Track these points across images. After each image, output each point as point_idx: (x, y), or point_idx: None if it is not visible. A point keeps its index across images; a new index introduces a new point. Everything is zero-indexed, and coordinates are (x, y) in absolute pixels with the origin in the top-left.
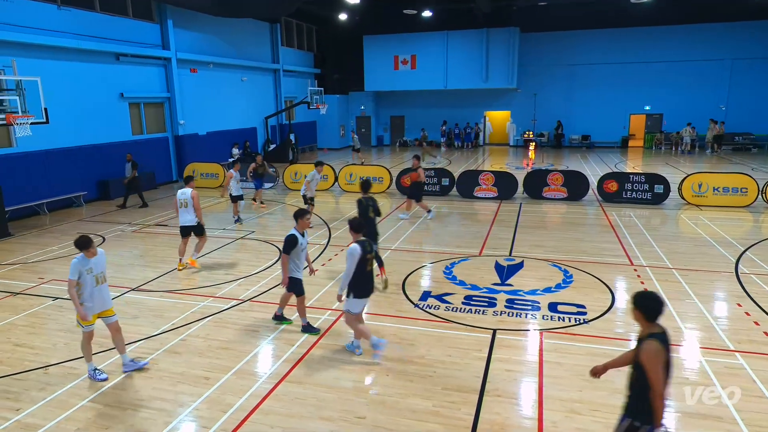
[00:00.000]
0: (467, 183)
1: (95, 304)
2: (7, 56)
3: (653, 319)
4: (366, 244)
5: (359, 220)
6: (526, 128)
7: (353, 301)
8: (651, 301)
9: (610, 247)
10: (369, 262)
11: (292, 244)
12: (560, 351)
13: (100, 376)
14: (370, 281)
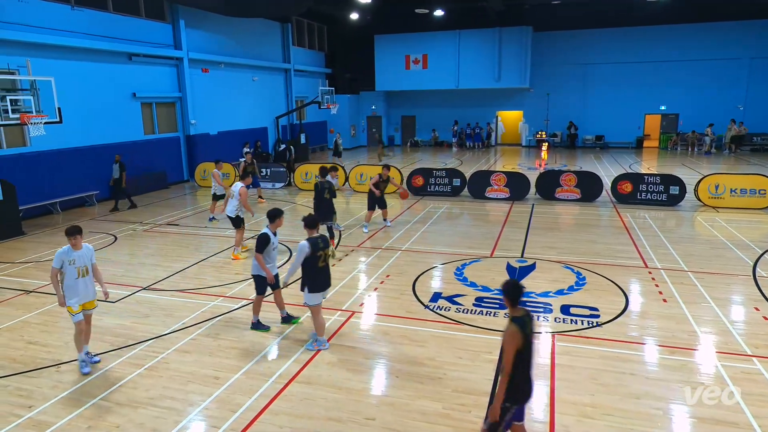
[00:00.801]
0: (479, 183)
1: (78, 296)
2: (21, 56)
3: (515, 304)
4: (317, 241)
5: (313, 217)
6: (539, 128)
7: (309, 295)
8: (512, 287)
9: (624, 249)
10: (321, 258)
11: (264, 243)
12: (572, 354)
13: (85, 368)
14: (324, 276)
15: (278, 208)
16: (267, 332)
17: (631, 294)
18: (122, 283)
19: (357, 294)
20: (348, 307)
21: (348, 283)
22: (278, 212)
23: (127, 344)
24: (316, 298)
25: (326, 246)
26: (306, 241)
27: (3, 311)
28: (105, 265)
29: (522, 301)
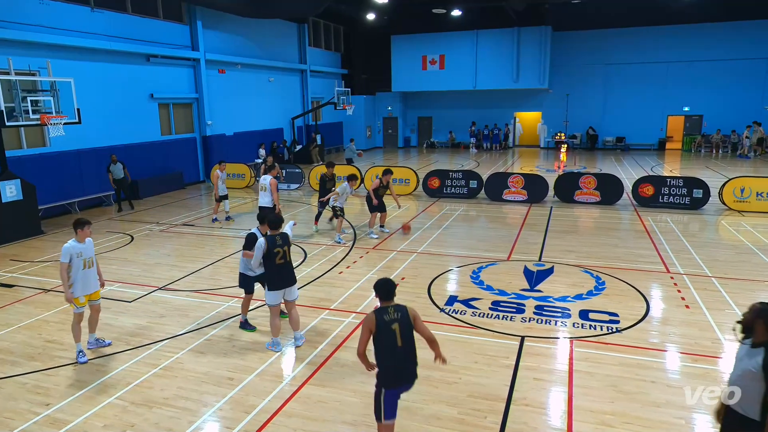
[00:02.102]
0: (496, 185)
1: (84, 287)
2: (42, 58)
3: (383, 299)
4: (275, 239)
5: (278, 217)
6: (558, 130)
7: (268, 294)
8: (382, 284)
9: (645, 253)
10: (278, 256)
11: (252, 243)
12: (591, 360)
13: (83, 358)
14: (281, 274)
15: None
16: (253, 332)
17: (653, 299)
18: (138, 282)
19: (372, 296)
20: (362, 309)
21: (363, 285)
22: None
23: (142, 344)
24: (275, 296)
25: (285, 243)
26: (262, 238)
27: (22, 309)
28: (122, 265)
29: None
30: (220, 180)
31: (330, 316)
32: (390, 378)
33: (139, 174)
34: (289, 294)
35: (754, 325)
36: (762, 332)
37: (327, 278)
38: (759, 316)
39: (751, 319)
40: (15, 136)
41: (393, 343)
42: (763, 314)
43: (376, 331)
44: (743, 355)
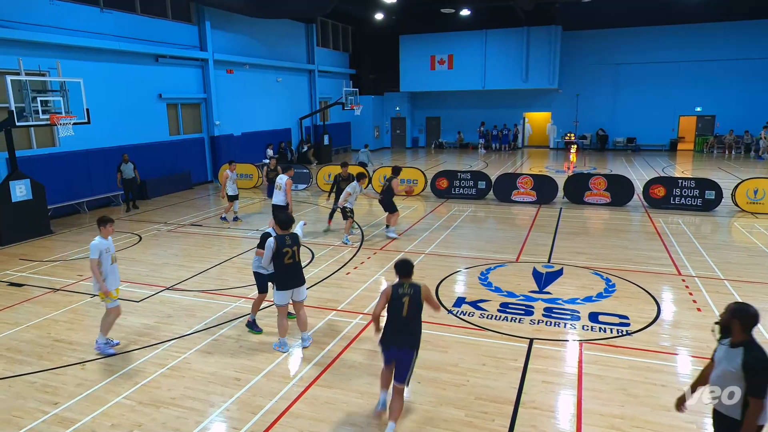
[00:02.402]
0: (505, 186)
1: (114, 281)
2: (52, 58)
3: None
4: (284, 239)
5: (288, 217)
6: (568, 130)
7: (276, 293)
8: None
9: (656, 255)
10: (286, 256)
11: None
12: (601, 363)
13: (109, 350)
14: (290, 274)
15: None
16: (259, 335)
17: (663, 302)
18: (146, 282)
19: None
20: (370, 310)
21: (370, 286)
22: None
23: (150, 344)
24: (283, 296)
25: (294, 244)
26: (272, 238)
27: (31, 309)
28: (130, 265)
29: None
30: (231, 180)
31: (337, 317)
32: (386, 337)
33: (148, 174)
34: (297, 294)
35: (731, 326)
36: (739, 332)
37: (334, 279)
38: (734, 316)
39: (727, 320)
40: (25, 136)
41: (399, 313)
42: (738, 314)
43: (390, 300)
44: (722, 356)
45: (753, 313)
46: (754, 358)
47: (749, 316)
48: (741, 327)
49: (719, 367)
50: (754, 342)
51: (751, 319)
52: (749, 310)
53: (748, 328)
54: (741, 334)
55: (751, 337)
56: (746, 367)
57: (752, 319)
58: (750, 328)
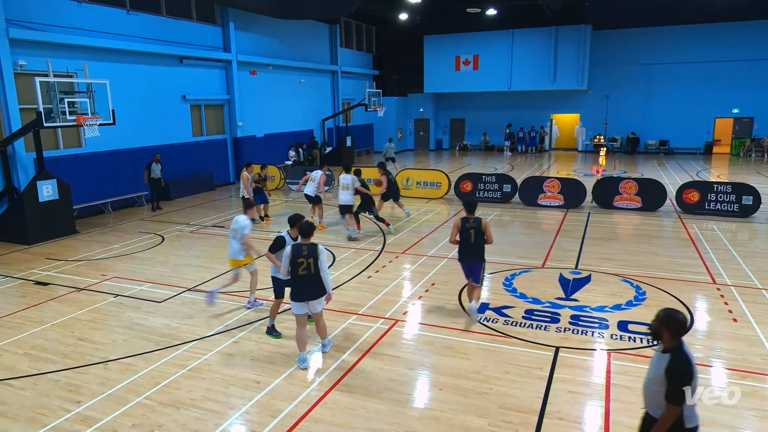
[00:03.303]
0: (531, 190)
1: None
2: (79, 60)
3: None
4: (301, 248)
5: (303, 225)
6: (597, 132)
7: (292, 304)
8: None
9: (689, 262)
10: (300, 267)
11: (278, 245)
12: (630, 374)
13: (258, 303)
14: (303, 286)
15: (300, 214)
16: (279, 339)
17: (697, 312)
18: (168, 283)
19: (401, 302)
20: (391, 315)
21: (392, 290)
22: (299, 218)
23: (171, 344)
24: (297, 307)
25: (311, 255)
26: (290, 246)
27: (56, 307)
28: (152, 265)
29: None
30: (250, 182)
31: (358, 321)
32: (461, 257)
33: (171, 175)
34: (312, 307)
35: (660, 333)
36: (668, 339)
37: (355, 282)
38: (663, 324)
39: (657, 327)
40: (52, 136)
41: (468, 239)
42: (665, 321)
43: (460, 231)
44: (655, 361)
45: (681, 321)
46: (675, 365)
47: (676, 324)
48: (669, 334)
49: (650, 372)
50: (681, 349)
51: (679, 326)
52: (677, 317)
53: (676, 335)
54: (670, 341)
55: (679, 343)
56: (667, 372)
57: (680, 327)
58: (678, 335)
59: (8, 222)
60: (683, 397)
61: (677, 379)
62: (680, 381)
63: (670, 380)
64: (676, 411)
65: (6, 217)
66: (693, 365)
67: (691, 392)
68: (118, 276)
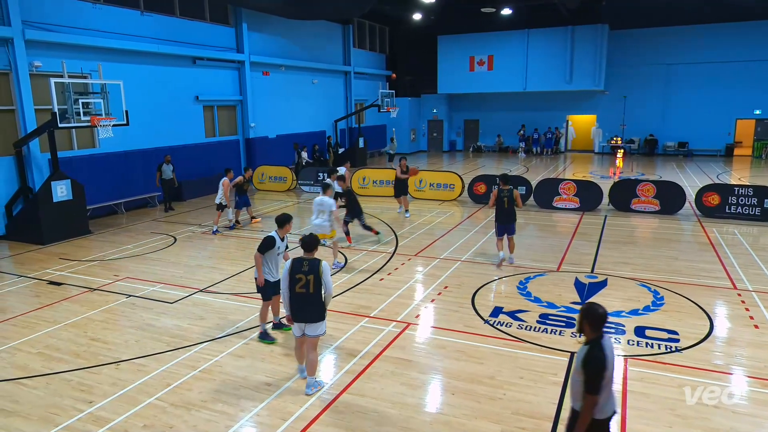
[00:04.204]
0: (546, 192)
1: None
2: (93, 61)
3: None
4: (302, 263)
5: (306, 238)
6: (614, 134)
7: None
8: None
9: (709, 267)
10: (298, 283)
11: (268, 245)
12: (647, 381)
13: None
14: (299, 305)
15: (287, 214)
16: (273, 344)
17: (717, 317)
18: (180, 284)
19: (413, 305)
20: (403, 318)
21: (404, 293)
22: (287, 218)
23: (183, 345)
24: (294, 328)
25: (311, 272)
26: (291, 260)
27: (69, 307)
28: (165, 266)
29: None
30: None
31: (370, 324)
32: (499, 221)
33: (183, 176)
34: (309, 329)
35: (583, 326)
36: (588, 331)
37: (367, 285)
38: (584, 317)
39: (580, 320)
40: (67, 137)
41: (503, 205)
42: (585, 314)
43: (496, 198)
44: (578, 353)
45: (599, 313)
46: (591, 355)
47: (595, 316)
48: (589, 326)
49: (575, 364)
50: (600, 341)
51: (597, 318)
52: (596, 310)
53: (595, 327)
54: (590, 333)
55: (599, 335)
56: (583, 362)
57: (598, 319)
58: (597, 327)
59: (23, 222)
60: (599, 385)
61: (591, 367)
62: (594, 369)
63: (585, 369)
64: (594, 400)
65: (21, 217)
66: (608, 356)
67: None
68: (130, 276)
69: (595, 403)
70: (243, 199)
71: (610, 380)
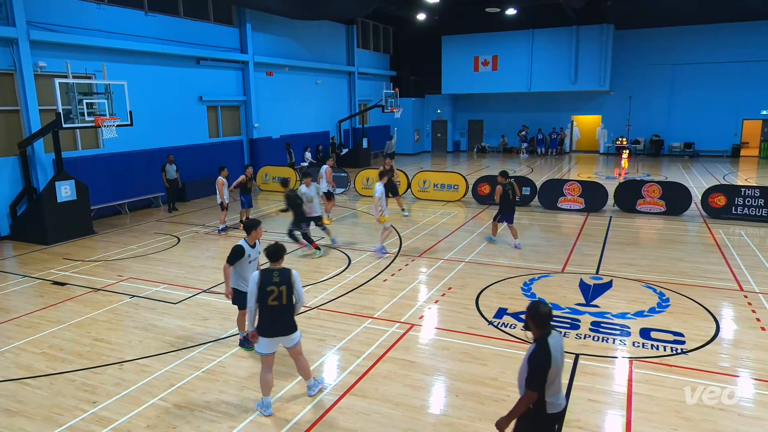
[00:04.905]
0: (551, 193)
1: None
2: (97, 61)
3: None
4: (272, 274)
5: (276, 247)
6: (619, 134)
7: (260, 340)
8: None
9: (715, 269)
10: (270, 296)
11: (237, 255)
12: (653, 383)
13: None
14: (274, 320)
15: (256, 219)
16: (252, 351)
17: (723, 319)
18: (183, 284)
19: (417, 306)
20: (407, 319)
21: (408, 294)
22: (255, 223)
23: (186, 346)
24: (264, 344)
25: (283, 283)
26: (257, 271)
27: (72, 307)
28: (168, 267)
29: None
30: (225, 187)
31: (373, 325)
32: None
33: (187, 176)
34: (286, 342)
35: (530, 324)
36: (534, 329)
37: (371, 286)
38: (529, 316)
39: (526, 319)
40: (71, 137)
41: (508, 198)
42: (530, 313)
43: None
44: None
45: (542, 312)
46: (534, 352)
47: (538, 314)
48: (534, 325)
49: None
50: (545, 339)
51: (541, 317)
52: (539, 309)
53: (540, 325)
54: (537, 331)
55: (545, 333)
56: (528, 359)
57: (542, 317)
58: (543, 325)
59: (27, 222)
60: (540, 383)
61: (535, 365)
62: (536, 367)
63: (528, 366)
64: (532, 396)
65: (25, 218)
66: (552, 354)
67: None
68: (134, 277)
69: (533, 398)
70: (247, 199)
71: (558, 376)
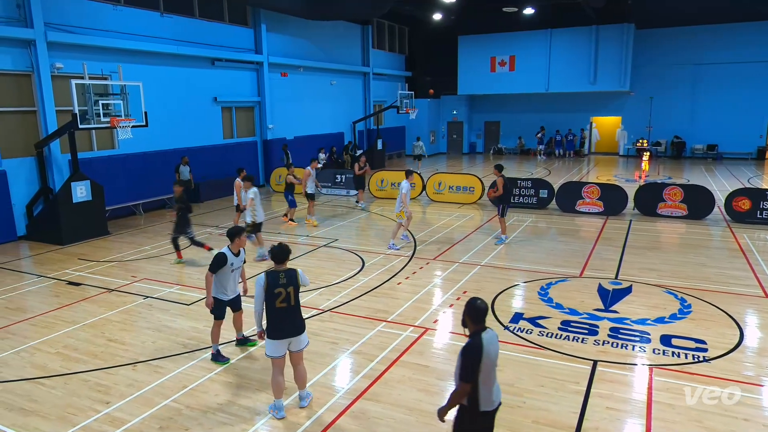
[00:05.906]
0: (569, 196)
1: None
2: (113, 62)
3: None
4: (278, 276)
5: (282, 248)
6: (640, 136)
7: (267, 343)
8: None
9: (739, 274)
10: (279, 298)
11: (219, 263)
12: (673, 391)
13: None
14: (283, 321)
15: (239, 226)
16: (227, 365)
17: (747, 326)
18: (197, 286)
19: (431, 310)
20: (421, 323)
21: (422, 297)
22: (238, 230)
23: (199, 347)
24: (274, 347)
25: (290, 284)
26: (262, 274)
27: (87, 308)
28: (181, 268)
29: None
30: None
31: (387, 329)
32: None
33: (201, 177)
34: (295, 344)
35: (467, 320)
36: (470, 324)
37: (384, 289)
38: (465, 311)
39: (463, 315)
40: (86, 138)
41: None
42: (467, 308)
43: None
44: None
45: (478, 307)
46: (467, 346)
47: (474, 309)
48: (470, 320)
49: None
50: (479, 333)
51: (476, 312)
52: (475, 304)
53: (476, 320)
54: (472, 326)
55: (480, 329)
56: (461, 351)
57: (477, 312)
58: (478, 321)
59: (43, 222)
60: (471, 374)
61: (466, 356)
62: (468, 357)
63: (461, 359)
64: (466, 387)
65: (41, 218)
66: (484, 348)
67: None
68: (147, 278)
69: (466, 390)
70: (290, 200)
71: (491, 372)
